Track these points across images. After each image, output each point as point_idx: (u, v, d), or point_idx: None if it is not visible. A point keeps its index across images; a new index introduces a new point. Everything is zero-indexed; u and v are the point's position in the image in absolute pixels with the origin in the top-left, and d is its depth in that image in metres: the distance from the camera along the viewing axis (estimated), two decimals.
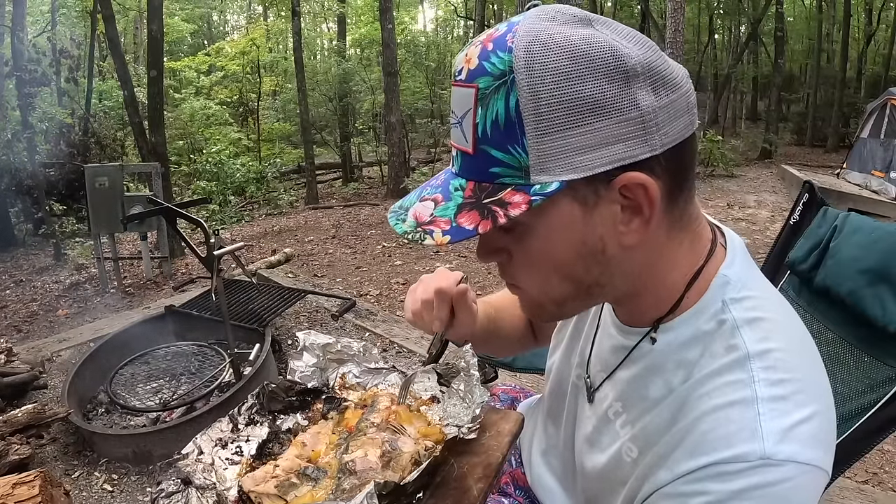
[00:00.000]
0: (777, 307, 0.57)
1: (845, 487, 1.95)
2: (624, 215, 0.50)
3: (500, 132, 0.48)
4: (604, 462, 0.63)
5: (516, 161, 0.48)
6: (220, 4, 23.31)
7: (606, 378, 0.65)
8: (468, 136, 0.50)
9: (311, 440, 0.72)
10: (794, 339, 0.55)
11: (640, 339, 0.59)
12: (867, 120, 8.18)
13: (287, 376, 0.82)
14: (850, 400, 0.92)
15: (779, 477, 0.46)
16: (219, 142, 12.42)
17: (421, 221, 0.52)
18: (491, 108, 0.47)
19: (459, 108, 0.51)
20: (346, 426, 0.74)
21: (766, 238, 5.57)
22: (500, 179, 0.49)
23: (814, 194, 1.15)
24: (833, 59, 16.04)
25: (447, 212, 0.51)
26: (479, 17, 15.92)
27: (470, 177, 0.52)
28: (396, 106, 9.71)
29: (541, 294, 0.57)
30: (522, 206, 0.47)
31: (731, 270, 0.57)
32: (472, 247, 5.95)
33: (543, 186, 0.47)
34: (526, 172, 0.48)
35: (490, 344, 0.94)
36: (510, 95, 0.46)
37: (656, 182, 0.48)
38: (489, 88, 0.47)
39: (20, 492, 1.59)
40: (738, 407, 0.49)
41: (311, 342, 0.85)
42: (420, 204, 0.54)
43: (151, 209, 3.45)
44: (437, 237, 0.49)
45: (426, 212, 0.52)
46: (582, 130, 0.46)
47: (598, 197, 0.49)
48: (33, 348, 3.20)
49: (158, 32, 6.41)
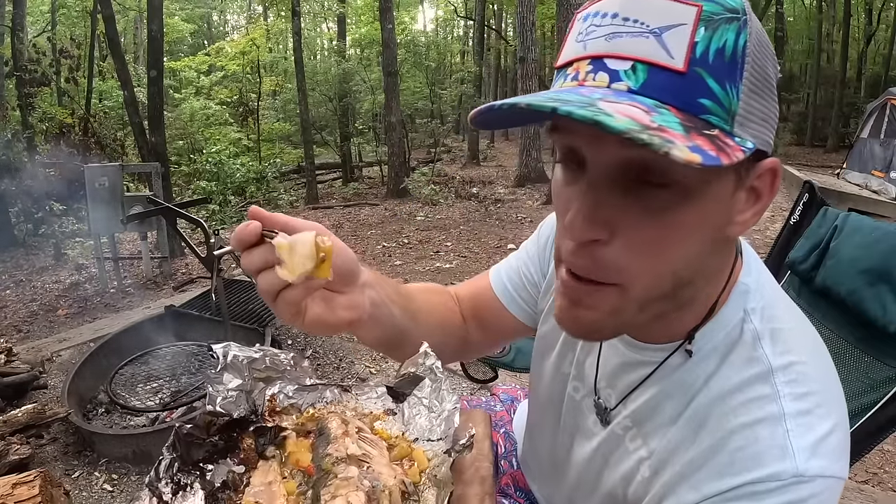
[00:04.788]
0: (793, 315, 0.56)
1: (845, 487, 1.94)
2: (745, 203, 0.48)
3: (723, 64, 0.42)
4: (614, 480, 0.61)
5: (728, 101, 0.42)
6: (220, 4, 23.31)
7: (625, 398, 0.60)
8: (676, 50, 0.41)
9: (266, 497, 0.56)
10: (812, 348, 0.55)
11: (671, 354, 0.55)
12: (867, 120, 8.18)
13: (207, 405, 0.63)
14: (850, 400, 0.92)
15: (810, 492, 0.46)
16: (219, 142, 12.40)
17: (647, 125, 0.37)
18: (720, 34, 0.41)
19: (657, 17, 0.41)
20: (298, 464, 0.60)
21: (766, 238, 5.57)
22: (708, 116, 0.42)
23: (814, 194, 1.15)
24: (833, 59, 16.04)
25: (673, 125, 0.39)
26: (479, 17, 15.93)
27: (668, 100, 0.41)
28: (396, 106, 9.70)
29: (641, 291, 0.47)
30: (738, 151, 0.41)
31: (750, 278, 0.55)
32: (472, 246, 5.94)
33: (743, 141, 0.42)
34: (732, 119, 0.42)
35: (387, 349, 0.72)
36: (741, 34, 0.42)
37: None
38: (718, 15, 0.42)
39: (20, 492, 1.59)
40: (766, 424, 0.48)
41: (234, 357, 0.65)
42: (611, 104, 0.39)
43: (151, 209, 3.45)
44: (683, 152, 0.36)
45: (643, 116, 0.38)
46: (764, 102, 0.45)
47: (747, 176, 0.46)
48: (33, 348, 3.20)
49: (158, 32, 6.41)
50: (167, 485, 0.59)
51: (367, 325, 0.61)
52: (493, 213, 7.37)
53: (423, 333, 0.71)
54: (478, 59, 16.31)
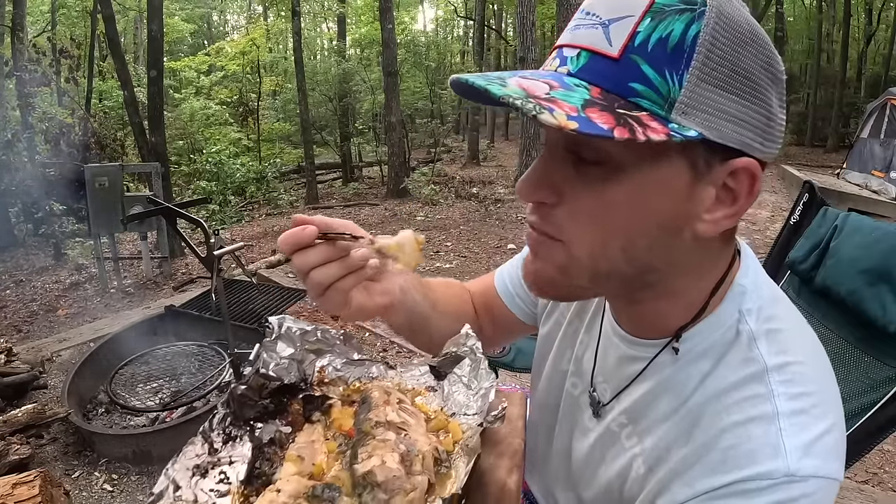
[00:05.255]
0: (790, 316, 0.57)
1: (845, 487, 1.95)
2: (715, 202, 0.48)
3: (664, 52, 0.44)
4: (609, 476, 0.61)
5: (665, 88, 0.44)
6: (220, 4, 23.31)
7: (620, 392, 0.62)
8: (616, 39, 0.45)
9: (308, 452, 0.61)
10: (809, 349, 0.55)
11: (660, 350, 0.57)
12: (867, 120, 8.18)
13: (260, 369, 0.69)
14: (850, 400, 0.92)
15: (802, 492, 0.46)
16: (219, 142, 12.41)
17: (534, 94, 0.43)
18: (666, 24, 0.44)
19: (609, 10, 0.46)
20: (340, 428, 0.64)
21: (766, 238, 5.57)
22: (638, 99, 0.44)
23: (814, 194, 1.15)
24: (833, 59, 16.03)
25: (572, 99, 0.43)
26: (479, 17, 15.93)
27: (598, 82, 0.45)
28: (396, 106, 9.70)
29: (585, 256, 0.50)
30: (661, 133, 0.43)
31: (747, 279, 0.56)
32: (472, 246, 5.94)
33: (682, 128, 0.44)
34: (669, 106, 0.44)
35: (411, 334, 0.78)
36: (693, 24, 0.44)
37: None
38: (670, 6, 0.44)
39: (20, 492, 1.59)
40: (760, 423, 0.48)
41: (288, 329, 0.72)
42: (524, 80, 0.45)
43: (151, 209, 3.46)
44: (559, 118, 0.41)
45: (540, 89, 0.44)
46: (733, 99, 0.45)
47: (709, 171, 0.47)
48: (33, 348, 3.20)
49: (158, 32, 6.41)
50: (219, 435, 0.64)
51: (396, 310, 0.69)
52: (493, 213, 7.37)
53: (442, 322, 0.77)
54: (478, 59, 16.30)
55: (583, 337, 0.71)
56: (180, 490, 0.58)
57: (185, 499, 0.57)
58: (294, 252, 0.58)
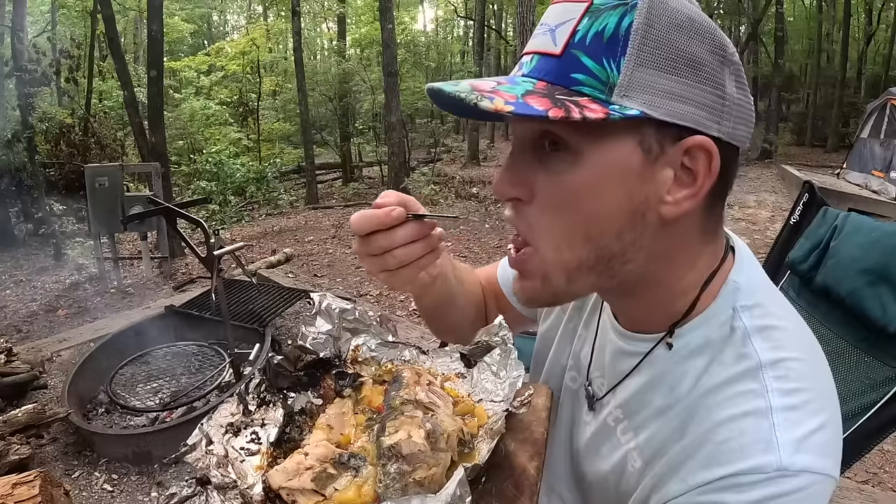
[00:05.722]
0: (786, 314, 0.57)
1: (845, 487, 1.95)
2: (675, 183, 0.50)
3: (600, 44, 0.47)
4: (606, 471, 0.62)
5: (605, 74, 0.47)
6: (220, 4, 23.32)
7: (615, 387, 0.63)
8: (559, 39, 0.49)
9: (337, 422, 0.63)
10: (805, 346, 0.55)
11: (654, 346, 0.58)
12: (867, 120, 8.19)
13: (298, 341, 0.72)
14: (850, 400, 0.92)
15: (794, 487, 0.46)
16: (219, 142, 12.42)
17: (479, 88, 0.48)
18: (600, 21, 0.48)
19: (556, 19, 0.50)
20: (370, 404, 0.67)
21: (766, 238, 5.57)
22: (580, 87, 0.48)
23: (814, 194, 1.15)
24: (833, 59, 16.02)
25: (514, 90, 0.48)
26: (479, 17, 15.93)
27: (545, 77, 0.49)
28: (396, 106, 9.69)
29: (555, 255, 0.52)
30: (599, 113, 0.46)
31: (741, 276, 0.56)
32: (472, 247, 5.95)
33: (623, 108, 0.47)
34: (610, 90, 0.47)
35: (438, 312, 0.82)
36: (626, 17, 0.47)
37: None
38: (605, 5, 0.48)
39: (20, 492, 1.59)
40: (753, 418, 0.49)
41: (328, 305, 0.75)
42: (476, 80, 0.51)
43: (151, 209, 3.45)
44: (497, 103, 0.46)
45: (487, 85, 0.49)
46: (676, 79, 0.47)
47: (662, 152, 0.49)
48: (33, 348, 3.20)
49: (158, 32, 6.41)
50: (254, 399, 0.68)
51: (439, 283, 0.73)
52: (493, 213, 7.37)
53: (464, 300, 0.82)
54: (478, 59, 16.29)
55: (581, 332, 0.72)
56: (212, 445, 0.60)
57: (217, 453, 0.59)
58: (372, 233, 0.60)
